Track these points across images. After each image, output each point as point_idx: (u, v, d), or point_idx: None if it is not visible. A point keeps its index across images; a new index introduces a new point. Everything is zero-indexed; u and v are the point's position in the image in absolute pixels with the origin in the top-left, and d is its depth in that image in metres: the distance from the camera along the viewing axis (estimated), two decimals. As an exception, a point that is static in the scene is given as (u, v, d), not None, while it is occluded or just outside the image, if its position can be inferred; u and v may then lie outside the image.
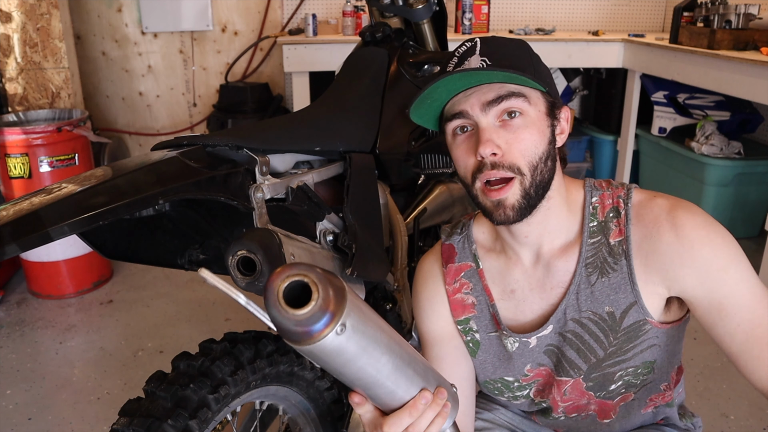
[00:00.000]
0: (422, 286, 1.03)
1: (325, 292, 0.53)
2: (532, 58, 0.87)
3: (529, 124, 0.84)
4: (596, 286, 0.89)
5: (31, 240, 0.64)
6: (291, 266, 0.55)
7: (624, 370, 0.92)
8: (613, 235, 0.88)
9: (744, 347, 0.82)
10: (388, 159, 1.34)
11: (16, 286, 2.79)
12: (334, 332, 0.54)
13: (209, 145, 0.93)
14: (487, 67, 0.81)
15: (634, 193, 0.90)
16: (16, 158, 2.43)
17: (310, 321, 0.52)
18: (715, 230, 0.85)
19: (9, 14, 2.70)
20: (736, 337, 0.82)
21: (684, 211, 0.86)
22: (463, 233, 1.01)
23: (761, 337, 0.80)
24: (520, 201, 0.84)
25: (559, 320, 0.92)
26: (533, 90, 0.85)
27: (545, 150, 0.85)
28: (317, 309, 0.52)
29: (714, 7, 2.80)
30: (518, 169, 0.83)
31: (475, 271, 0.99)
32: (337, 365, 0.60)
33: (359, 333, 0.58)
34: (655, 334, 0.90)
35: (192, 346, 1.08)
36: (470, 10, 3.40)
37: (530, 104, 0.84)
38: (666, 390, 0.99)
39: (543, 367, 0.97)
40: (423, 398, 0.71)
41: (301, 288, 0.54)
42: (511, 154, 0.83)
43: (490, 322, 0.98)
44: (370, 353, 0.61)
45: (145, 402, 0.92)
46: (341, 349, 0.57)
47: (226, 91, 3.60)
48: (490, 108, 0.83)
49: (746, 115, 3.22)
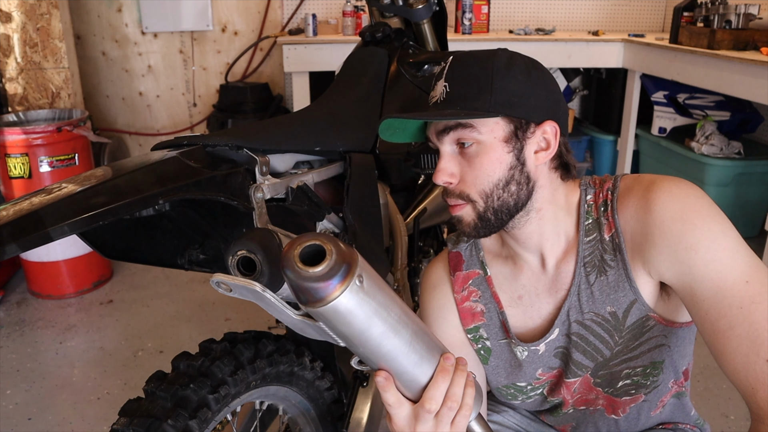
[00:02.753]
0: (430, 295, 1.02)
1: (338, 250, 0.54)
2: (495, 79, 0.81)
3: (482, 153, 0.83)
4: (595, 285, 0.88)
5: (31, 240, 0.64)
6: (302, 236, 0.57)
7: (632, 369, 0.91)
8: (606, 229, 0.87)
9: (710, 339, 0.76)
10: (388, 159, 1.34)
11: (16, 286, 2.79)
12: (353, 283, 0.55)
13: (209, 145, 0.93)
14: (444, 98, 0.83)
15: (621, 181, 0.88)
16: (16, 158, 2.43)
17: (328, 275, 0.54)
18: (692, 205, 0.78)
19: (9, 14, 2.70)
20: (704, 327, 0.77)
21: (660, 186, 0.81)
22: (470, 240, 1.01)
23: (725, 331, 0.74)
24: (475, 221, 0.86)
25: (564, 323, 0.92)
26: (487, 118, 0.82)
27: (503, 176, 0.83)
28: (333, 263, 0.54)
29: (714, 7, 2.80)
30: (468, 196, 0.84)
31: (483, 278, 0.98)
32: (359, 328, 0.59)
33: (375, 288, 0.59)
34: (662, 332, 0.89)
35: (192, 346, 1.08)
36: (470, 10, 3.40)
37: (480, 133, 0.82)
38: (673, 386, 0.99)
39: (554, 369, 0.97)
40: (448, 360, 0.70)
41: (315, 253, 0.55)
42: (463, 182, 0.85)
43: (500, 329, 0.97)
44: (389, 312, 0.61)
45: (145, 402, 0.92)
46: (361, 304, 0.57)
47: (226, 91, 3.60)
48: (442, 137, 0.85)
49: (746, 115, 3.22)
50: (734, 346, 0.74)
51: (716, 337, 0.75)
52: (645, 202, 0.82)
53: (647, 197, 0.82)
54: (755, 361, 0.72)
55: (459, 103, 0.82)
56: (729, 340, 0.74)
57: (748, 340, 0.73)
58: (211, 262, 1.04)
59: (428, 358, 0.68)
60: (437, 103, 0.85)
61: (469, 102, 0.81)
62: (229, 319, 2.49)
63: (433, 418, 0.70)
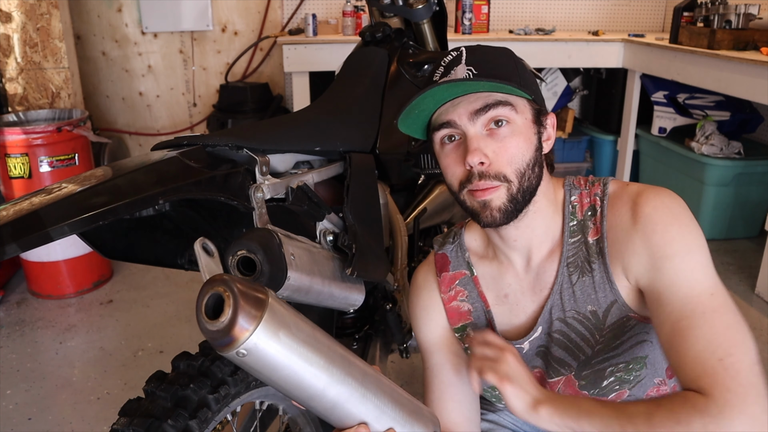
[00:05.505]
0: (417, 297, 1.04)
1: (239, 301, 0.55)
2: (518, 65, 0.87)
3: (516, 133, 0.84)
4: (577, 285, 0.90)
5: (31, 240, 0.64)
6: (211, 281, 0.59)
7: (614, 366, 0.92)
8: (591, 233, 0.89)
9: (667, 338, 0.79)
10: (388, 159, 1.34)
11: (16, 286, 2.79)
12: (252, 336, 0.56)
13: (209, 145, 0.93)
14: (474, 77, 0.82)
15: (609, 187, 0.90)
16: (16, 158, 2.43)
17: (227, 328, 0.55)
18: (674, 218, 0.82)
19: (9, 14, 2.70)
20: (663, 327, 0.80)
21: (647, 197, 0.85)
22: (455, 242, 1.02)
23: (684, 330, 0.77)
24: (506, 204, 0.85)
25: (546, 321, 0.93)
26: (519, 98, 0.85)
27: (532, 157, 0.85)
28: (231, 316, 0.55)
29: (714, 7, 2.80)
30: (505, 177, 0.84)
31: (470, 278, 0.99)
32: (266, 373, 0.60)
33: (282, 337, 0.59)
34: (644, 329, 0.90)
35: (192, 346, 1.08)
36: (470, 10, 3.40)
37: (517, 112, 0.84)
38: (660, 384, 0.99)
39: (536, 369, 0.97)
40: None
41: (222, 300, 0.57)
42: (498, 163, 0.84)
43: (486, 328, 0.98)
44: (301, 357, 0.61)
45: (145, 402, 0.92)
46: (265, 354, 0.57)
47: (226, 91, 3.60)
48: (478, 117, 0.84)
49: (746, 115, 3.22)
50: (690, 343, 0.76)
51: (674, 334, 0.78)
52: (631, 213, 0.85)
53: (634, 209, 0.85)
54: (707, 358, 0.74)
55: (495, 80, 0.82)
56: (686, 338, 0.77)
57: (705, 340, 0.75)
58: (211, 262, 1.03)
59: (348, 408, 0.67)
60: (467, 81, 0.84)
61: (505, 81, 0.82)
62: (229, 319, 2.49)
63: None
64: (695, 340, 0.76)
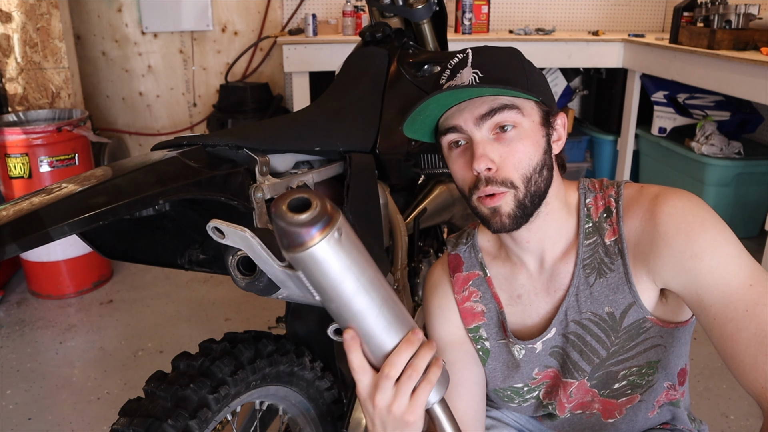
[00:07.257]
0: (432, 295, 1.04)
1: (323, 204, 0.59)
2: (525, 66, 0.86)
3: (523, 136, 0.83)
4: (595, 287, 0.89)
5: (31, 240, 0.64)
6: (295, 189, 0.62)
7: (627, 369, 0.92)
8: (608, 234, 0.89)
9: (719, 344, 0.77)
10: (388, 159, 1.34)
11: (16, 286, 2.79)
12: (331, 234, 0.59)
13: (209, 145, 0.93)
14: (479, 81, 0.81)
15: (624, 189, 0.90)
16: (16, 158, 2.43)
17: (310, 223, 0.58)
18: (695, 216, 0.80)
19: (9, 14, 2.70)
20: (712, 334, 0.78)
21: (665, 198, 0.84)
22: (468, 242, 1.02)
23: (732, 334, 0.75)
24: (514, 210, 0.84)
25: (561, 322, 0.92)
26: (527, 100, 0.84)
27: (540, 161, 0.85)
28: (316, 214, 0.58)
29: (714, 7, 2.80)
30: (512, 183, 0.83)
31: (483, 279, 0.99)
32: (333, 279, 0.62)
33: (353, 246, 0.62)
34: (659, 333, 0.89)
35: (192, 346, 1.08)
36: (470, 10, 3.40)
37: (524, 116, 0.83)
38: (670, 389, 0.99)
39: (550, 368, 0.97)
40: (415, 333, 0.69)
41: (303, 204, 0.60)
42: (504, 168, 0.83)
43: (499, 329, 0.98)
44: (363, 271, 0.63)
45: (145, 402, 0.92)
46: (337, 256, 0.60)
47: (226, 91, 3.60)
48: (483, 122, 0.83)
49: (746, 115, 3.22)
50: (742, 348, 0.75)
51: (725, 341, 0.76)
52: (650, 215, 0.84)
53: (653, 210, 0.84)
54: (764, 361, 0.73)
55: (500, 85, 0.81)
56: (737, 343, 0.75)
57: (756, 341, 0.74)
58: (211, 262, 1.04)
59: (396, 327, 0.69)
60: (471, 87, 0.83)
61: (511, 84, 0.81)
62: (229, 319, 2.49)
63: (392, 387, 0.69)
64: (746, 344, 0.74)
